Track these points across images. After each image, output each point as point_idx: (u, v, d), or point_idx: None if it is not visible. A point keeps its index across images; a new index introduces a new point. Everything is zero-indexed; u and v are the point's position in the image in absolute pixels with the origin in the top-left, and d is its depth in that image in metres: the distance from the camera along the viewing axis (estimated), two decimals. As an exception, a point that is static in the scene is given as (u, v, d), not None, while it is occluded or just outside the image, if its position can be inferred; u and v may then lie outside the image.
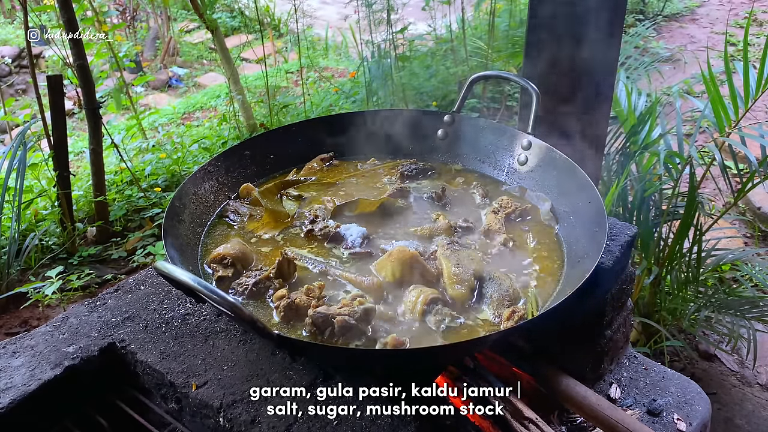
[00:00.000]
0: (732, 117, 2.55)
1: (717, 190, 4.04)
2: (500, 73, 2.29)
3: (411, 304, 1.43)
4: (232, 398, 1.38)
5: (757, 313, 2.60)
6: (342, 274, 1.55)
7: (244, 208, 1.83)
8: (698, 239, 2.62)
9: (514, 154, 1.93)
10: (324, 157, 2.05)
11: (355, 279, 1.52)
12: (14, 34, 7.67)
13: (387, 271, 1.51)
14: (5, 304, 3.22)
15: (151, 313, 1.65)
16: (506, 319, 1.38)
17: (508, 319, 1.38)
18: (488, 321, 1.41)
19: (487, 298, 1.45)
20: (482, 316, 1.42)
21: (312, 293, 1.45)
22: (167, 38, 7.38)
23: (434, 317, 1.40)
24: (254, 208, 1.83)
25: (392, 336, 1.34)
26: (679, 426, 1.77)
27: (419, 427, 1.30)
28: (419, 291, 1.46)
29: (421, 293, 1.44)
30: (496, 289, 1.46)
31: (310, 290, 1.45)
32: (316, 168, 2.02)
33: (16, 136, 3.51)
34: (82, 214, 3.97)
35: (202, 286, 1.10)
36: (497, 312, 1.41)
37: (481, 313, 1.43)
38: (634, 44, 4.81)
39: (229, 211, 1.82)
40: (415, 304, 1.42)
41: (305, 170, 2.02)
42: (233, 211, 1.81)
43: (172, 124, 5.80)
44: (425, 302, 1.42)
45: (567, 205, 1.73)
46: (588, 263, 1.42)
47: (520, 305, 1.41)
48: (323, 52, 7.29)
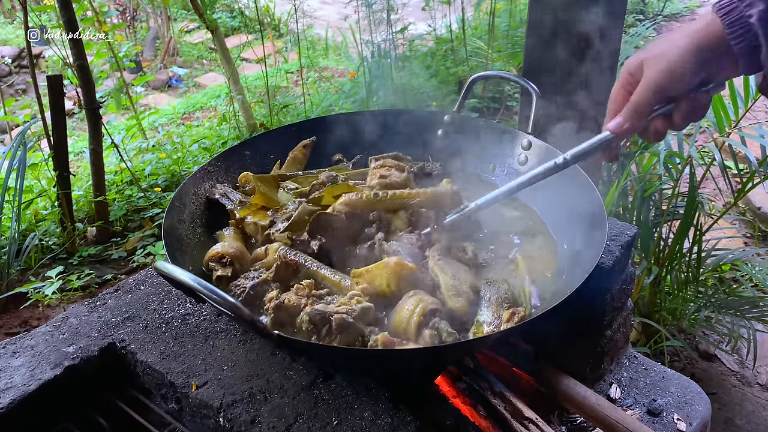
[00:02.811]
0: (732, 117, 2.55)
1: (717, 190, 4.04)
2: (500, 73, 2.29)
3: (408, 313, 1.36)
4: (232, 398, 1.38)
5: (757, 313, 2.60)
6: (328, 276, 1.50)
7: (237, 194, 1.78)
8: (698, 239, 2.62)
9: (514, 154, 1.93)
10: (306, 143, 2.01)
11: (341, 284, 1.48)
12: (14, 34, 7.68)
13: (381, 281, 1.44)
14: (5, 304, 3.23)
15: (151, 313, 1.65)
16: (506, 320, 1.37)
17: (508, 320, 1.37)
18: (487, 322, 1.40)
19: (486, 300, 1.44)
20: (481, 318, 1.41)
21: (301, 292, 1.42)
22: (167, 38, 7.39)
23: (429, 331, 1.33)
24: (247, 197, 1.78)
25: (383, 335, 1.32)
26: (679, 426, 1.77)
27: (419, 427, 1.30)
28: (419, 299, 1.38)
29: (421, 302, 1.37)
30: (494, 292, 1.45)
31: (300, 289, 1.42)
32: (300, 157, 1.99)
33: (16, 136, 3.51)
34: (82, 214, 3.97)
35: (202, 286, 1.10)
36: (497, 314, 1.40)
37: (480, 315, 1.42)
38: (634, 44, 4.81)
39: (216, 193, 1.77)
40: (412, 314, 1.35)
41: (288, 161, 1.98)
42: (222, 195, 1.76)
43: (172, 124, 5.80)
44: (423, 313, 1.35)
45: (567, 205, 1.72)
46: (588, 263, 1.42)
47: (521, 308, 1.41)
48: (323, 52, 7.30)
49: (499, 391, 1.61)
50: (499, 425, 1.55)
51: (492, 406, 1.58)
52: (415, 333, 1.33)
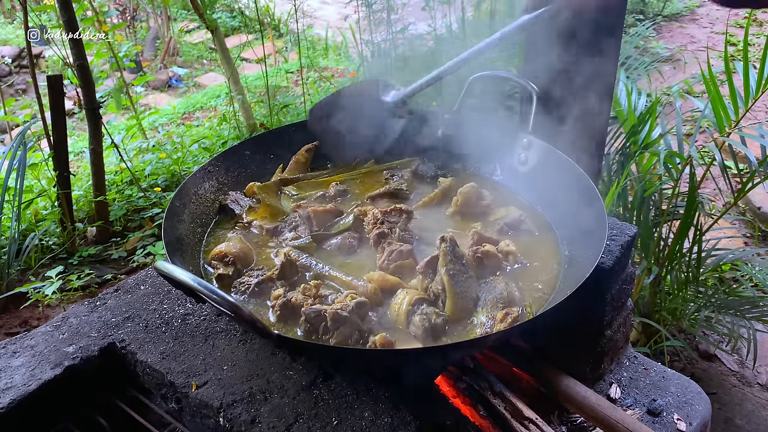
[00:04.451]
0: (732, 117, 2.54)
1: (717, 190, 4.04)
2: (500, 72, 2.28)
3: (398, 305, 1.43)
4: (232, 398, 1.38)
5: (757, 313, 2.60)
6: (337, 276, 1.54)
7: (246, 200, 1.86)
8: (698, 239, 2.62)
9: (514, 153, 1.93)
10: (309, 147, 2.04)
11: (351, 283, 1.51)
12: (14, 34, 7.67)
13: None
14: (5, 304, 3.23)
15: (151, 313, 1.65)
16: (499, 321, 1.38)
17: (501, 321, 1.37)
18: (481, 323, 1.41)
19: (482, 301, 1.45)
20: (476, 320, 1.42)
21: (308, 292, 1.45)
22: (167, 38, 7.38)
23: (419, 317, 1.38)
24: (257, 203, 1.85)
25: (381, 335, 1.34)
26: (679, 426, 1.77)
27: (419, 427, 1.30)
28: (406, 292, 1.46)
29: (407, 294, 1.45)
30: (490, 292, 1.46)
31: (306, 289, 1.45)
32: (302, 161, 2.02)
33: (16, 136, 3.51)
34: (82, 214, 3.97)
35: (202, 286, 1.10)
36: (491, 314, 1.41)
37: (474, 317, 1.42)
38: (634, 44, 4.81)
39: (228, 199, 1.84)
40: (401, 305, 1.42)
41: (292, 164, 2.01)
42: (233, 201, 1.83)
43: (172, 124, 5.80)
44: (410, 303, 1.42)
45: (567, 204, 1.72)
46: (588, 263, 1.42)
47: (515, 308, 1.41)
48: (323, 52, 7.29)
49: (499, 391, 1.61)
50: (499, 425, 1.55)
51: (492, 406, 1.58)
52: (405, 321, 1.40)
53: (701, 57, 5.81)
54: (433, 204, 1.86)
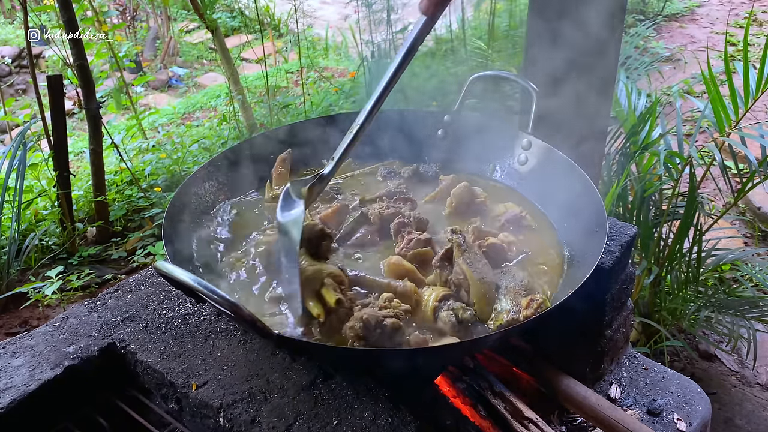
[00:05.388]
0: (732, 117, 2.54)
1: (717, 190, 4.04)
2: (500, 72, 2.29)
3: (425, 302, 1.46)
4: (232, 398, 1.38)
5: (757, 313, 2.60)
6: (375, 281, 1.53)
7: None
8: (698, 239, 2.62)
9: (514, 154, 1.93)
10: (283, 157, 1.95)
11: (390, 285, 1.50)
12: (14, 34, 7.67)
13: None
14: (5, 304, 3.23)
15: (151, 313, 1.65)
16: (525, 306, 1.38)
17: (527, 307, 1.38)
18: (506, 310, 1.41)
19: (503, 289, 1.45)
20: (500, 307, 1.42)
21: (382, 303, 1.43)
22: (167, 38, 7.38)
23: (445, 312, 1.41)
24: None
25: (415, 334, 1.35)
26: (679, 426, 1.77)
27: (419, 427, 1.30)
28: (432, 289, 1.49)
29: (434, 291, 1.47)
30: (511, 280, 1.46)
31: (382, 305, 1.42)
32: (284, 171, 1.94)
33: (16, 136, 3.51)
34: (82, 214, 3.97)
35: (202, 286, 1.10)
36: (515, 301, 1.41)
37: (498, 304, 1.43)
38: (634, 44, 4.82)
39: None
40: (428, 301, 1.45)
41: (275, 179, 1.93)
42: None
43: (172, 124, 5.80)
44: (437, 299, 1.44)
45: (567, 204, 1.73)
46: (588, 263, 1.42)
47: (538, 295, 1.41)
48: (323, 52, 7.29)
49: (499, 391, 1.61)
50: (499, 425, 1.55)
51: (492, 406, 1.58)
52: (432, 317, 1.43)
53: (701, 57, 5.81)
54: (433, 203, 1.86)
